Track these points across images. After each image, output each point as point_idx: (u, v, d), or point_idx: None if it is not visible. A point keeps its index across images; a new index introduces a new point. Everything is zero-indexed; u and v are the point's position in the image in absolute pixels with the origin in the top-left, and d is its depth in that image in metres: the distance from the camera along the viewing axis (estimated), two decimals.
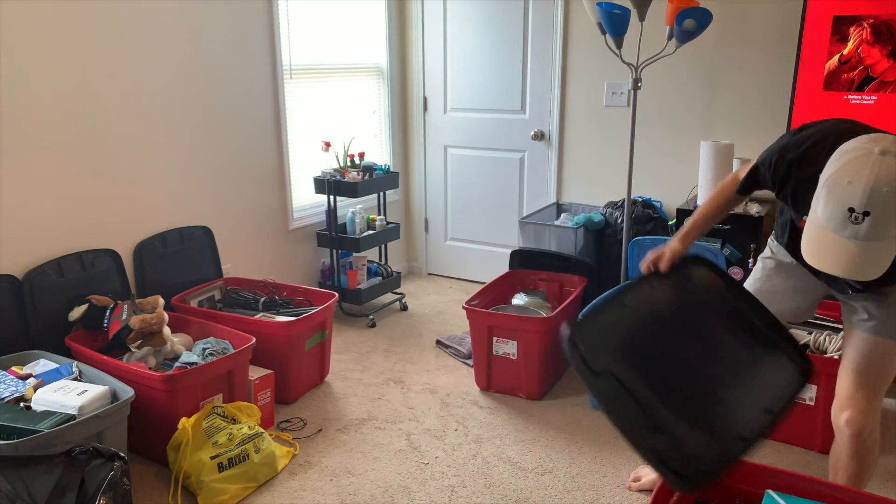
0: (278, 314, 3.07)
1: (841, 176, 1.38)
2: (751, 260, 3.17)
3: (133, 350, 2.57)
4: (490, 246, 4.47)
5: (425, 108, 4.46)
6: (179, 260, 3.15)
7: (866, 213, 1.34)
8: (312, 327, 2.97)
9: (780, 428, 1.77)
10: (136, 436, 2.42)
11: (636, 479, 2.38)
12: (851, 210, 1.35)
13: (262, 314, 3.06)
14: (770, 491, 1.68)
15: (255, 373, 2.72)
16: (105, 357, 2.47)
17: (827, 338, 2.66)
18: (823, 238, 1.41)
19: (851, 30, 3.02)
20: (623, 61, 3.25)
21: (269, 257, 3.68)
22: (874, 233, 1.35)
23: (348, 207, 3.99)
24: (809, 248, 1.45)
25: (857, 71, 3.05)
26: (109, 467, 1.86)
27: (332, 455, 2.59)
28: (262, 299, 3.15)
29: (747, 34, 3.44)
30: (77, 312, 2.65)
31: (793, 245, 1.92)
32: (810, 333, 2.71)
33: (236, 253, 3.49)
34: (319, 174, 3.86)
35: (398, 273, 4.13)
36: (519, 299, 3.31)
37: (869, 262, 1.37)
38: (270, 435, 2.63)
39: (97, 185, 2.83)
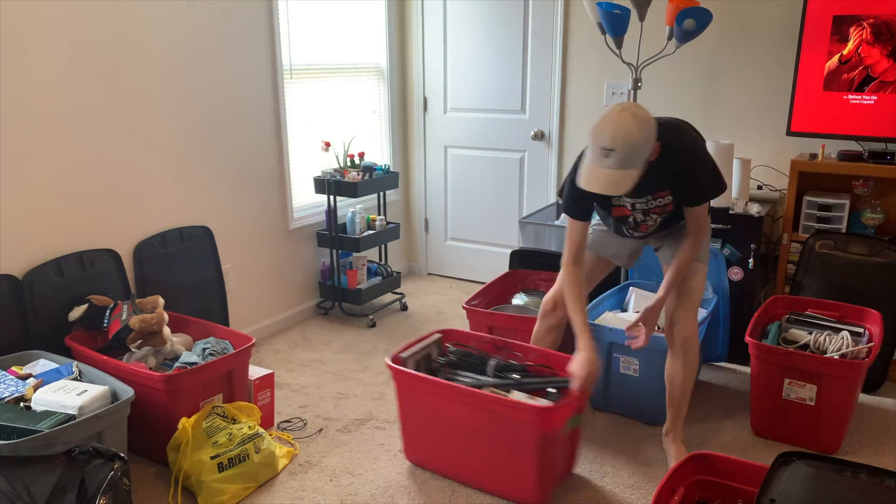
0: (521, 385, 2.36)
1: (597, 126, 1.99)
2: (751, 260, 3.17)
3: (133, 350, 2.57)
4: (490, 246, 4.47)
5: (425, 108, 4.46)
6: (179, 260, 3.15)
7: (612, 150, 1.95)
8: (571, 409, 2.25)
9: None
10: (136, 436, 2.42)
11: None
12: (604, 148, 1.96)
13: (498, 392, 2.32)
14: None
15: (255, 373, 2.72)
16: (105, 357, 2.47)
17: (827, 338, 2.66)
18: (590, 169, 2.02)
19: (851, 30, 3.02)
20: (623, 61, 3.25)
21: (269, 257, 3.68)
22: (618, 163, 1.96)
23: (348, 207, 3.99)
24: (583, 178, 2.04)
25: (857, 71, 3.05)
26: (109, 467, 1.86)
27: (332, 455, 2.59)
28: (493, 362, 2.48)
29: (747, 34, 3.44)
30: (77, 312, 2.65)
31: (615, 228, 2.50)
32: (810, 333, 2.71)
33: (236, 253, 3.49)
34: (319, 174, 3.86)
35: (398, 273, 4.13)
36: (519, 299, 3.31)
37: (617, 183, 1.98)
38: (270, 435, 2.63)
39: (97, 185, 2.83)
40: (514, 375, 2.42)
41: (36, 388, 2.26)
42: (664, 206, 2.28)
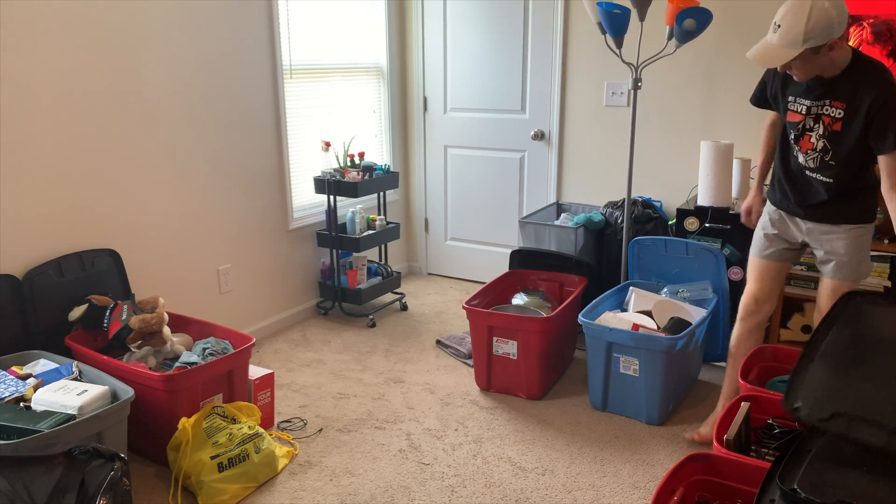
0: None
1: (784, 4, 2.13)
2: None
3: (133, 350, 2.57)
4: (490, 246, 4.47)
5: (425, 108, 4.46)
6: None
7: (777, 25, 2.09)
8: None
9: None
10: (136, 436, 2.42)
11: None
12: (773, 22, 2.10)
13: None
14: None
15: (255, 373, 2.72)
16: (105, 357, 2.47)
17: None
18: (760, 42, 2.16)
19: (851, 30, 3.02)
20: (623, 61, 3.25)
21: (269, 257, 3.68)
22: (778, 39, 2.09)
23: (348, 207, 3.99)
24: (752, 49, 2.16)
25: None
26: (109, 468, 1.86)
27: (332, 455, 2.59)
28: None
29: (747, 34, 3.44)
30: (77, 312, 2.65)
31: (781, 194, 2.47)
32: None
33: (236, 252, 3.49)
34: (319, 174, 3.86)
35: (398, 273, 4.13)
36: (519, 299, 3.31)
37: (771, 57, 2.12)
38: (270, 435, 2.63)
39: (97, 185, 2.83)
40: None
41: (36, 388, 2.26)
42: (833, 120, 2.19)
